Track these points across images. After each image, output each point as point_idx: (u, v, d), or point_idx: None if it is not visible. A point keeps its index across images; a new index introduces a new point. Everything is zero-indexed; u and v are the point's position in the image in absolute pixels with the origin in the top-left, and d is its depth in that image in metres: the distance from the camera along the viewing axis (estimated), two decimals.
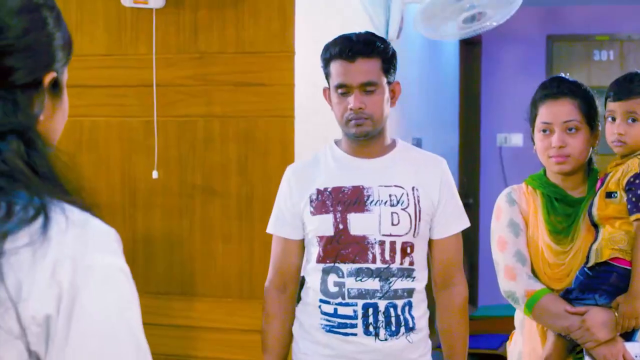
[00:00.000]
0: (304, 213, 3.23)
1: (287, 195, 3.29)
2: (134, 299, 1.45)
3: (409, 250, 3.17)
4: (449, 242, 3.29)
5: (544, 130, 3.21)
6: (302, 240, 3.30)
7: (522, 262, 3.22)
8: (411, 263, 3.18)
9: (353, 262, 3.14)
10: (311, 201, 3.22)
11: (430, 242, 3.29)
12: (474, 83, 9.09)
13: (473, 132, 8.99)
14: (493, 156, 8.96)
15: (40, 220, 1.36)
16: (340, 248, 3.16)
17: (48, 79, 1.49)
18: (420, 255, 3.22)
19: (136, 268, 4.23)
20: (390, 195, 3.17)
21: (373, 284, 3.13)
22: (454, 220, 3.28)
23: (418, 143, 6.20)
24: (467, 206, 3.64)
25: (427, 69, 7.00)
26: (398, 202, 3.17)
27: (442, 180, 3.25)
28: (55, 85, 1.51)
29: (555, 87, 3.23)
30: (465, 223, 3.33)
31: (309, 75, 4.15)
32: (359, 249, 3.14)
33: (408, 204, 3.17)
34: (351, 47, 3.13)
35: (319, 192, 3.22)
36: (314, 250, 3.23)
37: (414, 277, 3.19)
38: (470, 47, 8.87)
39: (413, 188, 3.20)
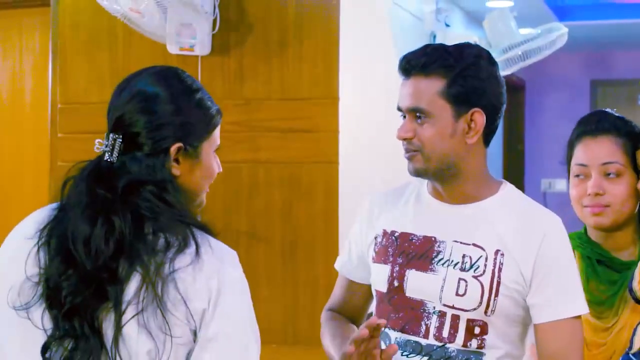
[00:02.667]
0: (369, 257, 2.60)
1: (358, 231, 2.67)
2: (250, 299, 2.08)
3: (477, 330, 2.40)
4: (550, 329, 2.41)
5: (578, 175, 2.67)
6: (370, 286, 2.64)
7: None
8: (480, 346, 2.41)
9: (402, 331, 2.47)
10: (375, 244, 2.58)
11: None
12: (517, 128, 9.07)
13: (517, 177, 8.95)
14: (537, 202, 8.92)
15: (193, 246, 1.97)
16: (391, 310, 2.50)
17: (173, 148, 2.05)
18: (500, 339, 2.43)
19: None
20: (464, 256, 2.43)
21: None
22: (557, 301, 2.40)
23: None
24: None
25: None
26: (471, 267, 2.41)
27: (542, 247, 2.40)
28: (194, 150, 2.09)
29: (594, 123, 2.69)
30: (579, 308, 2.41)
31: (353, 121, 4.16)
32: (412, 317, 2.45)
33: (484, 272, 2.40)
34: (409, 60, 2.45)
35: (384, 234, 2.56)
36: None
37: None
38: (515, 92, 8.86)
39: (497, 252, 2.41)
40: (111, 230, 1.94)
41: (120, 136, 2.02)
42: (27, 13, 5.27)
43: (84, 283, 1.92)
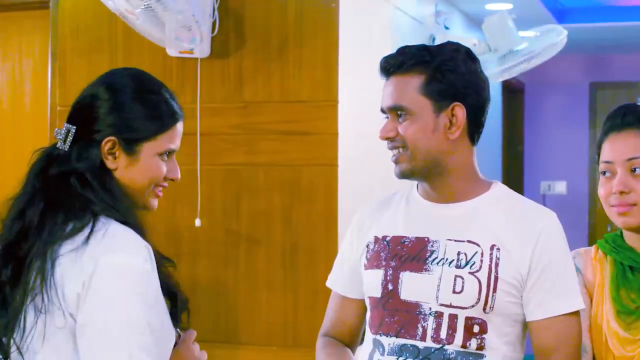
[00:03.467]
0: (361, 266, 2.53)
1: (349, 243, 2.62)
2: (139, 287, 2.02)
3: (476, 329, 2.34)
4: (544, 327, 2.37)
5: (605, 172, 2.48)
6: (364, 301, 2.56)
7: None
8: (480, 347, 2.34)
9: (397, 335, 2.38)
10: (367, 252, 2.52)
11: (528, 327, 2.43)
12: (517, 130, 9.07)
13: (516, 180, 8.95)
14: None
15: (86, 233, 2.03)
16: (385, 315, 2.42)
17: (105, 141, 2.14)
18: (500, 339, 2.37)
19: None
20: (459, 253, 2.37)
21: None
22: (554, 297, 2.36)
23: None
24: None
25: None
26: (467, 264, 2.36)
27: (539, 241, 2.36)
28: (128, 147, 2.16)
29: (619, 117, 2.50)
30: (574, 304, 2.38)
31: (353, 123, 4.16)
32: (407, 320, 2.38)
33: (480, 268, 2.34)
34: (388, 60, 2.46)
35: (376, 240, 2.50)
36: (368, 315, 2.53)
37: None
38: (514, 95, 8.86)
39: (492, 247, 2.36)
40: (20, 217, 2.11)
41: (74, 127, 2.17)
42: (27, 16, 5.27)
43: None
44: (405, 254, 2.42)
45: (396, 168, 2.43)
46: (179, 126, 2.29)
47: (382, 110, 2.47)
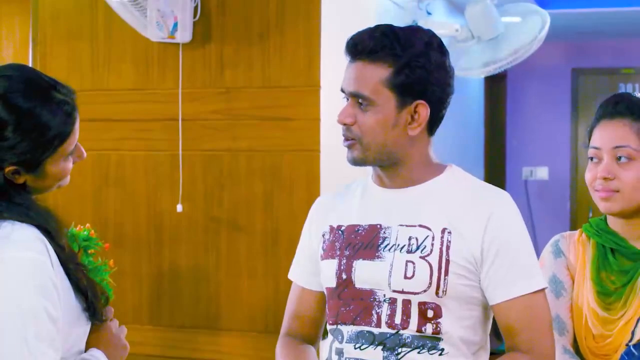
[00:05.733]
0: (318, 257, 2.50)
1: (307, 233, 2.59)
2: (34, 279, 2.01)
3: (430, 314, 2.30)
4: (506, 309, 2.31)
5: (592, 158, 2.55)
6: (323, 292, 2.51)
7: (560, 330, 2.54)
8: (436, 332, 2.30)
9: (353, 323, 2.36)
10: (324, 242, 2.48)
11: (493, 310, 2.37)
12: (499, 117, 9.08)
13: (498, 165, 8.97)
14: (519, 190, 8.92)
15: None
16: (341, 305, 2.39)
17: (7, 170, 2.11)
18: (457, 323, 2.33)
19: (162, 301, 4.24)
20: (410, 238, 2.33)
21: (374, 353, 2.32)
22: (513, 278, 2.30)
23: None
24: None
25: (452, 103, 7.00)
26: (417, 248, 2.32)
27: (490, 222, 2.31)
28: (30, 169, 2.14)
29: (612, 105, 2.56)
30: (534, 284, 2.32)
31: (334, 109, 4.10)
32: (362, 307, 2.35)
33: (431, 251, 2.30)
34: (356, 42, 2.34)
35: (331, 230, 2.47)
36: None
37: (442, 352, 2.31)
38: (496, 82, 8.87)
39: (444, 230, 2.32)
40: None
41: None
42: (7, 1, 5.25)
43: None
44: (358, 242, 2.38)
45: (348, 154, 2.37)
46: (76, 124, 2.20)
47: (342, 91, 2.38)
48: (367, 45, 2.31)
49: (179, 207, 4.17)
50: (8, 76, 2.15)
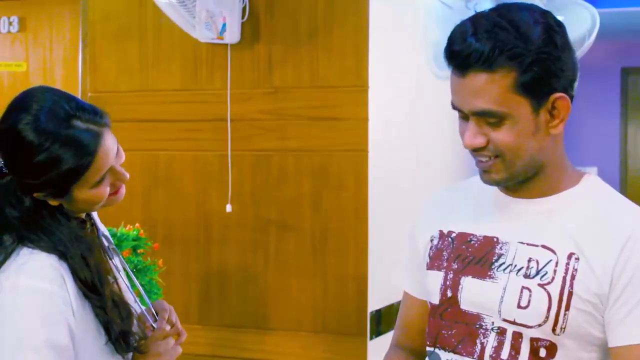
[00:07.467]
0: (424, 263, 2.22)
1: (412, 235, 2.30)
2: (41, 308, 2.04)
3: (543, 353, 1.96)
4: (625, 356, 1.93)
5: None
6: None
7: None
8: None
9: (454, 351, 2.07)
10: (430, 248, 2.20)
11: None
12: None
13: None
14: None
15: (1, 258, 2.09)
16: (443, 326, 2.11)
17: (36, 195, 2.15)
18: None
19: (211, 301, 4.26)
20: (529, 260, 2.00)
21: None
22: (635, 321, 1.92)
23: None
24: None
25: None
26: (537, 274, 1.98)
27: (624, 251, 1.93)
28: (59, 196, 2.16)
29: None
30: None
31: (383, 109, 4.15)
32: (466, 334, 2.05)
33: (552, 279, 1.96)
34: (463, 51, 1.94)
35: (441, 235, 2.18)
36: None
37: None
38: None
39: (570, 256, 1.97)
40: None
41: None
42: (58, 2, 5.30)
43: None
44: (470, 255, 2.08)
45: (485, 176, 2.05)
46: (102, 148, 2.16)
47: (455, 108, 2.04)
48: (481, 54, 1.92)
49: (229, 207, 4.18)
50: (26, 108, 2.12)
